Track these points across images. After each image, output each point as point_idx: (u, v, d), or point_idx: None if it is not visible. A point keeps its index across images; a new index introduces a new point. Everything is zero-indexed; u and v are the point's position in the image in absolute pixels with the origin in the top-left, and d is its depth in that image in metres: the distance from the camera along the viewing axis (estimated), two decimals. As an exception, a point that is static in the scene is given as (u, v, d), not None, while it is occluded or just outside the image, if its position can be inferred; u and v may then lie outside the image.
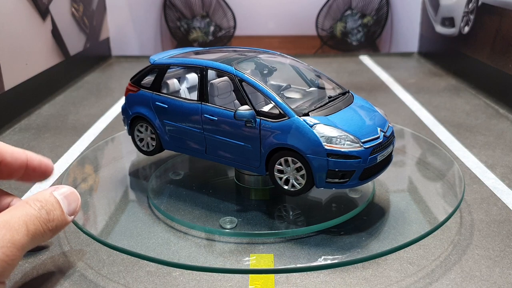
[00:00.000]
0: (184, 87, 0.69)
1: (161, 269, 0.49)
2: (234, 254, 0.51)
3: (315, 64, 1.50)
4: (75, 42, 1.32)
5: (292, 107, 0.56)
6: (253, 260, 0.50)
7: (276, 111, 0.56)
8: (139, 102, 0.67)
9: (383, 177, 0.69)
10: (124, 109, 0.70)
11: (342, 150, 0.53)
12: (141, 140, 0.69)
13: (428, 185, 0.68)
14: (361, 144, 0.54)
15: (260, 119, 0.56)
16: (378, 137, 0.56)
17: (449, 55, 1.38)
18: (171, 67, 0.66)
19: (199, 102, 0.61)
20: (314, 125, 0.54)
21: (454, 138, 0.86)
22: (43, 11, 1.13)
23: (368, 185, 0.65)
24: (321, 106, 0.58)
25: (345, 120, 0.56)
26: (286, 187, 0.57)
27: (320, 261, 0.50)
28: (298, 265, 0.50)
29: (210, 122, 0.60)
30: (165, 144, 0.66)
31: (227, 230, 0.55)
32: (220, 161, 0.62)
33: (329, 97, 0.60)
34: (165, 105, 0.64)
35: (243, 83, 0.58)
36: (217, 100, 0.62)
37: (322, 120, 0.55)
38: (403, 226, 0.56)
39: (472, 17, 1.22)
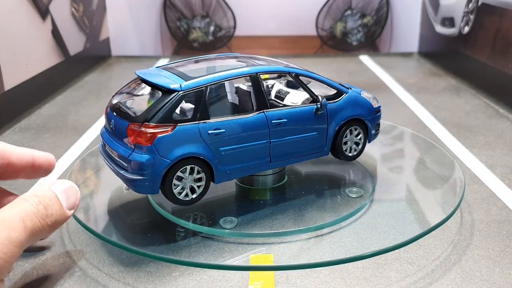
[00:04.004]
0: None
1: (161, 269, 0.49)
2: (234, 254, 0.51)
3: (315, 64, 1.50)
4: (75, 42, 1.32)
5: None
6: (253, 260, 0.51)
7: (333, 92, 0.63)
8: (180, 141, 0.53)
9: (383, 176, 0.69)
10: (151, 162, 0.51)
11: (379, 105, 0.68)
12: (181, 189, 0.55)
13: (428, 185, 0.68)
14: None
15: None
16: None
17: (449, 55, 1.38)
18: (210, 86, 0.55)
19: (261, 110, 0.57)
20: (361, 92, 0.66)
21: (454, 138, 0.86)
22: (43, 11, 1.13)
23: (368, 185, 0.65)
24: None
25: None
26: (351, 154, 0.66)
27: (320, 260, 0.50)
28: (298, 263, 0.50)
29: (278, 126, 0.58)
30: (220, 177, 0.56)
31: (227, 230, 0.55)
32: (283, 164, 0.62)
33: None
34: (221, 130, 0.55)
35: (300, 77, 0.61)
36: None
37: (357, 88, 0.67)
38: (403, 226, 0.56)
39: (472, 17, 1.22)
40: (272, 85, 0.67)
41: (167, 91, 0.53)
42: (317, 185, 0.66)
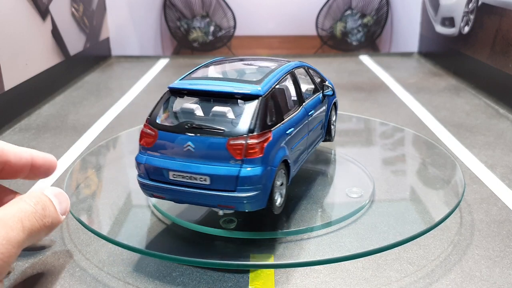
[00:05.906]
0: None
1: (161, 269, 0.49)
2: (234, 254, 0.51)
3: (315, 64, 1.50)
4: (75, 42, 1.32)
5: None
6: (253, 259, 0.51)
7: (319, 79, 0.69)
8: (276, 146, 0.51)
9: (383, 176, 0.69)
10: (265, 173, 0.49)
11: None
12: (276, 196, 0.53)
13: (428, 185, 0.68)
14: None
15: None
16: None
17: (449, 55, 1.38)
18: (276, 86, 0.55)
19: (301, 105, 0.59)
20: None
21: (454, 138, 0.86)
22: (43, 11, 1.13)
23: (368, 185, 0.65)
24: None
25: None
26: (333, 134, 0.74)
27: (320, 258, 0.50)
28: (298, 261, 0.50)
29: (310, 118, 0.61)
30: (290, 177, 0.56)
31: (227, 230, 0.55)
32: (308, 156, 0.64)
33: None
34: (292, 129, 0.55)
35: (310, 70, 0.67)
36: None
37: None
38: (403, 226, 0.56)
39: (472, 17, 1.22)
40: None
41: (250, 98, 0.50)
42: (317, 185, 0.66)
